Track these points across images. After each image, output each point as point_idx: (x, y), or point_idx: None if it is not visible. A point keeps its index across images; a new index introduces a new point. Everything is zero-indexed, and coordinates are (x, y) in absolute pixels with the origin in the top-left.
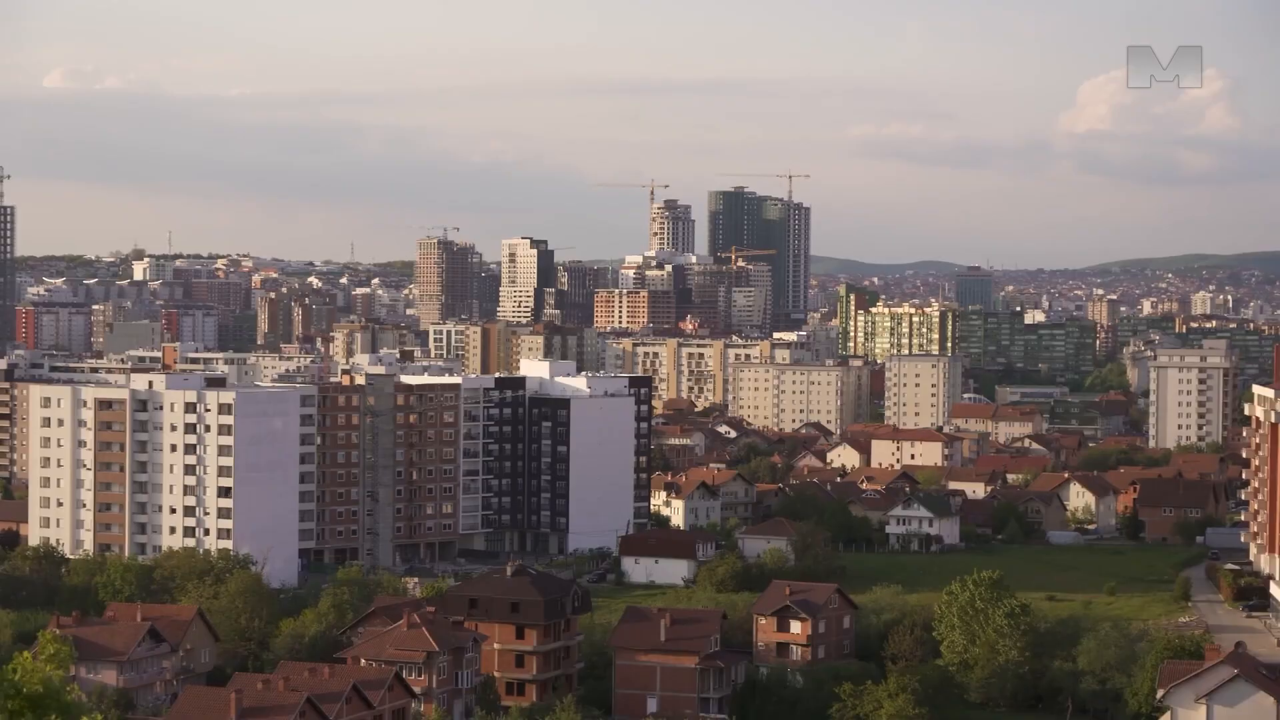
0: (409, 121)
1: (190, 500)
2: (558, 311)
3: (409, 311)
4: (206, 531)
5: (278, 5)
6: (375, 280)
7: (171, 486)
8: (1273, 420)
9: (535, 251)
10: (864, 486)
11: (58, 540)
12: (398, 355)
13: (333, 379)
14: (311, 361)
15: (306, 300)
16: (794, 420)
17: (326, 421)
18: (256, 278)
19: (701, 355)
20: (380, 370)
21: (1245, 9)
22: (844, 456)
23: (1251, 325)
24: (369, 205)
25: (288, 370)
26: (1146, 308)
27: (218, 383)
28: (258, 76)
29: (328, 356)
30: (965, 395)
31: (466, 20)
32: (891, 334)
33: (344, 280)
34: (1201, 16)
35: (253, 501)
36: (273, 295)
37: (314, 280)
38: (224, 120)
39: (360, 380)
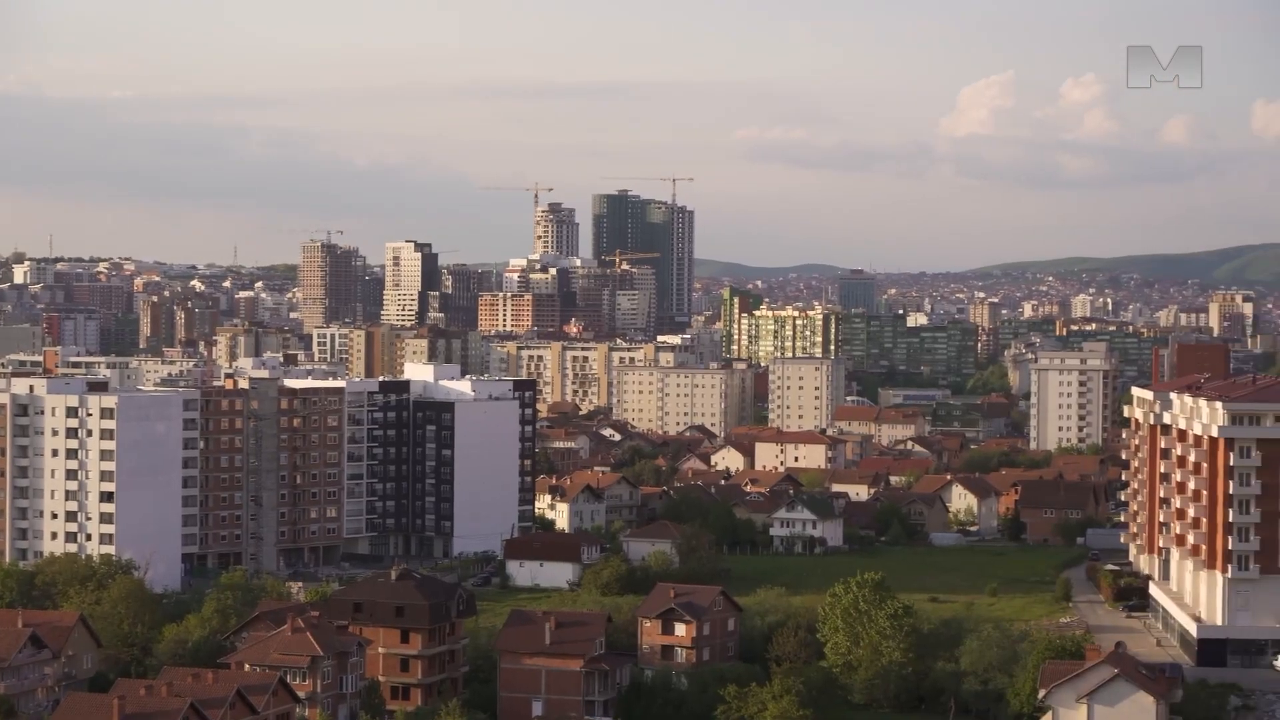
0: (293, 124)
1: (72, 505)
2: (442, 315)
3: (292, 315)
4: (89, 536)
5: (159, 7)
6: (259, 283)
7: (53, 491)
8: (1152, 422)
9: (419, 254)
10: (748, 489)
11: None
12: (281, 359)
13: (216, 383)
14: (194, 365)
15: (189, 304)
16: (678, 423)
17: (209, 425)
18: (139, 281)
19: (586, 358)
20: (264, 374)
21: (1125, 16)
22: (728, 459)
23: (1131, 328)
24: (252, 208)
25: (170, 374)
26: (1027, 310)
27: (100, 387)
28: (140, 79)
29: (211, 360)
30: (848, 398)
31: (351, 23)
32: (775, 337)
33: (227, 284)
34: (1084, 20)
35: (135, 506)
36: (155, 299)
37: (197, 284)
38: (106, 122)
39: (244, 384)
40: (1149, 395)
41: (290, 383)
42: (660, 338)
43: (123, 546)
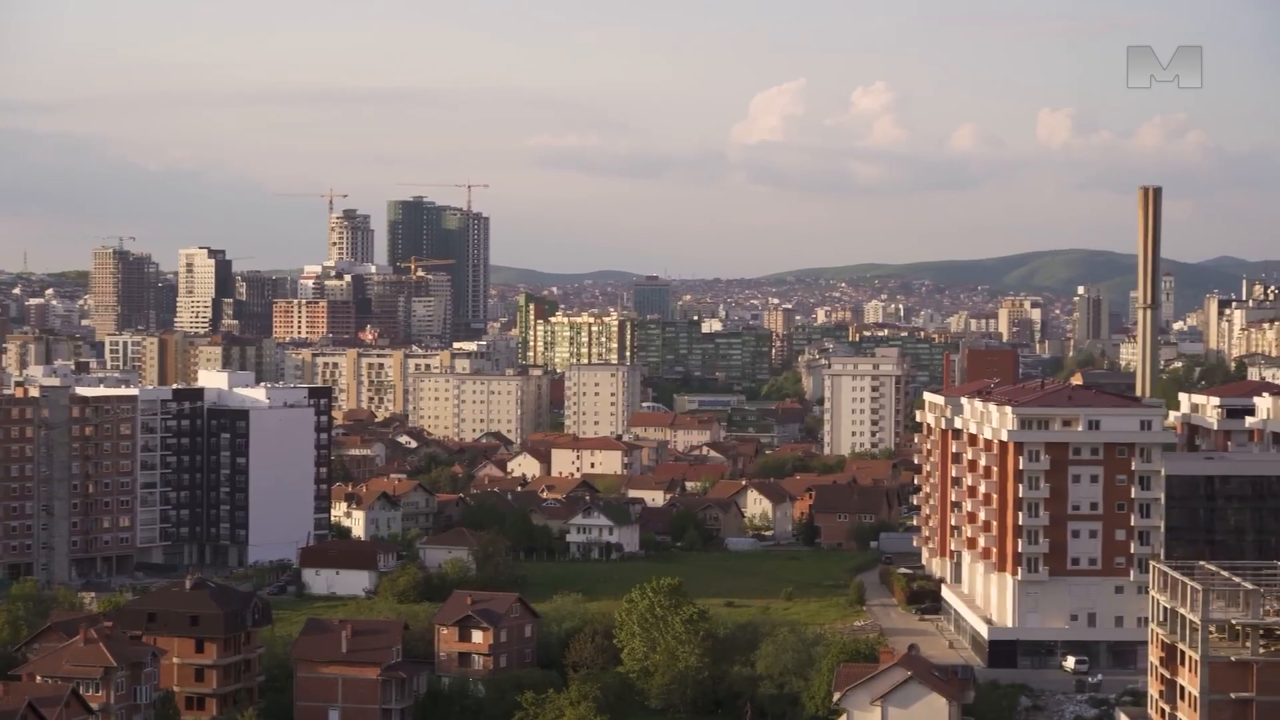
0: (83, 129)
1: None
2: (236, 322)
3: (84, 322)
4: None
5: None
6: (49, 290)
7: None
8: (943, 427)
9: (213, 261)
10: (544, 495)
11: None
12: (73, 366)
13: (5, 391)
14: None
15: None
16: (474, 430)
17: None
18: None
19: (381, 365)
20: (55, 382)
21: (917, 25)
22: (524, 466)
23: (922, 334)
24: (42, 214)
25: None
26: (821, 316)
27: None
28: None
29: (0, 368)
30: (644, 404)
31: (142, 26)
32: (571, 343)
33: (17, 290)
34: (869, 32)
35: None
36: None
37: None
38: None
39: (34, 392)
40: (940, 400)
41: (82, 391)
42: (456, 344)
43: None
